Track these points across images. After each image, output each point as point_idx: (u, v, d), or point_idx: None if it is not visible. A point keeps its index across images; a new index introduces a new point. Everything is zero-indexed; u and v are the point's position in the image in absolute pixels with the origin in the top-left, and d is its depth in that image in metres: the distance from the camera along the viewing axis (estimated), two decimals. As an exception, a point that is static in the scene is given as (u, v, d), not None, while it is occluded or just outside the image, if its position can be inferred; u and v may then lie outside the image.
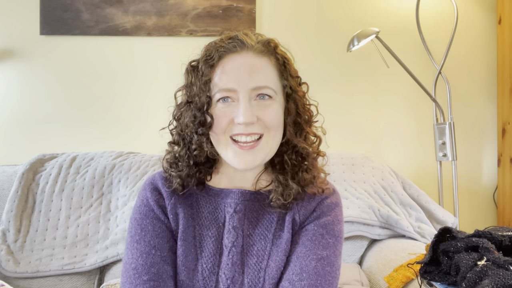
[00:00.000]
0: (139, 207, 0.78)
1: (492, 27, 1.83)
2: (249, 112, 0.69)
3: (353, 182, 1.47)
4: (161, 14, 1.78)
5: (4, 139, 1.78)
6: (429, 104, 1.77)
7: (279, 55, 0.74)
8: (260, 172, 0.79)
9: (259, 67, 0.71)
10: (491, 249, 0.77)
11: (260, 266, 0.72)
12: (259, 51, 0.72)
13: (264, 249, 0.74)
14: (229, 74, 0.70)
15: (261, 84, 0.70)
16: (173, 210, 0.76)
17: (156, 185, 0.79)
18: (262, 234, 0.75)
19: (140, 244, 0.74)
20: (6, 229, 1.34)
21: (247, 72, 0.70)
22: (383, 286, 1.17)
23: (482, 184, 1.85)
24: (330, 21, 1.83)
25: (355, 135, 1.83)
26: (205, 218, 0.77)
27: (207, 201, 0.78)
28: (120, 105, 1.80)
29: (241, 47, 0.72)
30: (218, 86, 0.71)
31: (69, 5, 1.77)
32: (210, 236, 0.75)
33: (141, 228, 0.75)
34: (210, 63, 0.72)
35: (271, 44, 0.74)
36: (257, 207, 0.77)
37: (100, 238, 1.35)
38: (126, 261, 0.74)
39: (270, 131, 0.71)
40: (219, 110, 0.71)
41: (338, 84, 1.83)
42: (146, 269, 0.71)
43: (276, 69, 0.73)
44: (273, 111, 0.71)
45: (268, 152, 0.73)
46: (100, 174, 1.45)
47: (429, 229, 1.39)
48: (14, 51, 1.78)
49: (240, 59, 0.71)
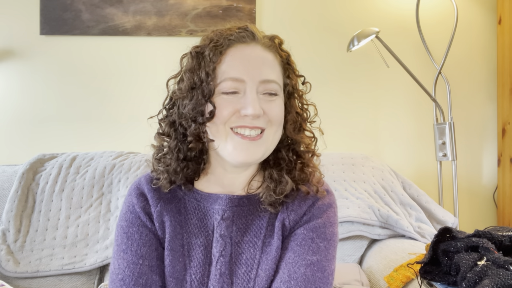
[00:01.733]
0: (125, 213, 0.75)
1: (492, 27, 1.83)
2: (257, 104, 0.67)
3: (353, 182, 1.47)
4: (161, 14, 1.78)
5: (4, 139, 1.78)
6: (429, 104, 1.77)
7: (283, 52, 0.73)
8: (253, 176, 0.76)
9: (267, 61, 0.70)
10: (491, 249, 0.77)
11: (249, 276, 0.69)
12: (266, 46, 0.71)
13: (253, 258, 0.70)
14: (239, 64, 0.68)
15: (270, 78, 0.68)
16: (159, 218, 0.73)
17: (142, 190, 0.76)
18: (251, 242, 0.71)
19: (127, 254, 0.71)
20: (6, 229, 1.34)
21: (256, 64, 0.68)
22: (383, 286, 1.17)
23: (482, 184, 1.85)
24: (330, 21, 1.83)
25: (355, 135, 1.83)
26: (193, 226, 0.73)
27: (195, 207, 0.74)
28: (120, 105, 1.80)
29: (251, 39, 0.70)
30: (226, 74, 0.67)
31: (69, 5, 1.77)
32: (199, 244, 0.71)
33: (127, 237, 0.72)
34: (220, 49, 0.68)
35: (276, 41, 0.73)
36: (245, 213, 0.73)
37: (100, 238, 1.35)
38: (113, 271, 0.71)
39: (273, 126, 0.70)
40: (223, 99, 0.67)
41: (338, 84, 1.83)
42: (133, 280, 0.68)
43: (280, 65, 0.72)
44: (278, 106, 0.70)
45: (268, 147, 0.71)
46: (100, 174, 1.45)
47: (429, 229, 1.39)
48: (14, 51, 1.78)
49: (249, 50, 0.69)
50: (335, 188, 1.44)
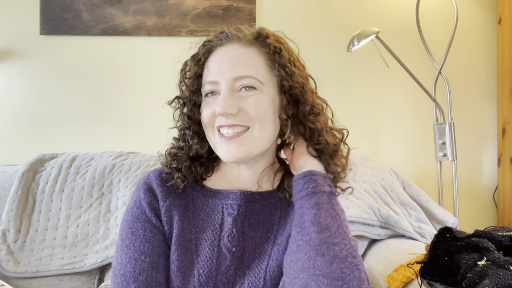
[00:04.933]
0: (131, 208, 0.76)
1: (492, 27, 1.83)
2: (227, 102, 0.67)
3: (353, 182, 1.47)
4: (161, 14, 1.78)
5: (4, 139, 1.78)
6: (429, 104, 1.77)
7: (271, 44, 0.71)
8: (262, 173, 0.77)
9: (242, 57, 0.70)
10: (491, 249, 0.77)
11: (261, 267, 0.70)
12: (246, 41, 0.71)
13: (265, 251, 0.72)
14: (214, 66, 0.71)
15: (242, 74, 0.68)
16: (167, 213, 0.74)
17: (150, 185, 0.76)
18: (264, 237, 0.73)
19: (130, 249, 0.71)
20: (6, 229, 1.34)
21: (228, 63, 0.69)
22: (383, 286, 1.17)
23: (482, 184, 1.85)
24: (330, 21, 1.83)
25: (355, 135, 1.83)
26: (201, 221, 0.74)
27: (203, 202, 0.76)
28: (120, 105, 1.80)
29: (227, 40, 0.72)
30: (205, 79, 0.72)
31: (69, 5, 1.77)
32: (206, 239, 0.73)
33: (131, 232, 0.73)
34: (197, 58, 0.74)
35: (262, 34, 0.72)
36: (258, 209, 0.75)
37: (100, 238, 1.35)
38: (115, 266, 0.72)
39: (256, 124, 0.69)
40: (204, 103, 0.72)
41: (338, 84, 1.83)
42: (134, 277, 0.69)
43: (266, 58, 0.71)
44: (257, 102, 0.69)
45: (256, 145, 0.70)
46: (100, 174, 1.45)
47: (429, 229, 1.39)
48: (14, 51, 1.78)
49: (224, 51, 0.71)
50: (335, 188, 1.44)
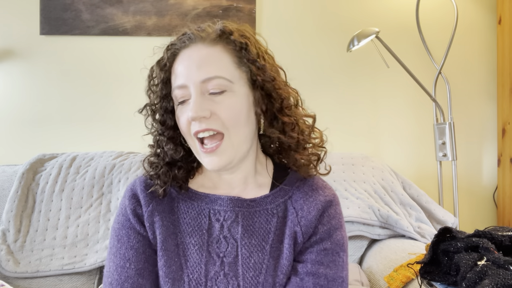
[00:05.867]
0: (118, 215, 0.75)
1: (492, 27, 1.83)
2: (198, 106, 0.64)
3: (353, 182, 1.47)
4: (161, 14, 1.78)
5: (4, 139, 1.78)
6: (429, 104, 1.77)
7: (236, 40, 0.67)
8: (247, 177, 0.74)
9: (208, 57, 0.66)
10: (491, 249, 0.77)
11: (257, 280, 0.68)
12: (210, 41, 0.67)
13: (261, 262, 0.70)
14: (181, 69, 0.67)
15: (211, 75, 0.65)
16: (149, 218, 0.72)
17: (135, 191, 0.75)
18: (259, 245, 0.70)
19: (116, 257, 0.71)
20: (6, 229, 1.34)
21: (195, 65, 0.66)
22: (383, 286, 1.17)
23: (482, 184, 1.85)
24: (330, 21, 1.83)
25: (355, 135, 1.83)
26: (187, 225, 0.72)
27: (188, 206, 0.73)
28: (120, 105, 1.80)
29: (190, 41, 0.68)
30: (174, 84, 0.69)
31: (69, 5, 1.77)
32: (194, 244, 0.71)
33: (117, 239, 0.73)
34: (162, 63, 0.71)
35: (225, 31, 0.68)
36: (251, 214, 0.72)
37: (100, 238, 1.35)
38: (105, 274, 0.72)
39: (230, 129, 0.66)
40: (179, 110, 0.69)
41: (338, 84, 1.83)
42: (120, 284, 0.69)
43: (233, 55, 0.68)
44: (230, 106, 0.66)
45: (237, 150, 0.68)
46: (100, 174, 1.45)
47: (429, 229, 1.39)
48: (14, 51, 1.78)
49: (189, 53, 0.68)
50: (335, 188, 1.44)
